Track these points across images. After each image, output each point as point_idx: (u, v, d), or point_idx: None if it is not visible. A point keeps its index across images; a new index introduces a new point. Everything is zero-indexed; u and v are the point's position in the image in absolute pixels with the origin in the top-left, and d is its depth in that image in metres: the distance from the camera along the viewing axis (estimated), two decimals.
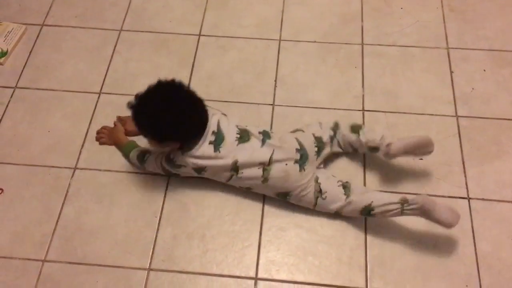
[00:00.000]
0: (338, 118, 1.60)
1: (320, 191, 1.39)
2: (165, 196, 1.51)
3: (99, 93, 1.73)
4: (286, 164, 1.37)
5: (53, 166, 1.57)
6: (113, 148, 1.61)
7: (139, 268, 1.39)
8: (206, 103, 1.34)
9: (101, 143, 1.61)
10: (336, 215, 1.43)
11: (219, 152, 1.34)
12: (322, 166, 1.49)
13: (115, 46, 1.85)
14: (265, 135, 1.40)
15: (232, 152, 1.35)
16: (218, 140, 1.34)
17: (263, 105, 1.69)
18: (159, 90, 1.29)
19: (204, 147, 1.33)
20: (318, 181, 1.41)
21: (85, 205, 1.50)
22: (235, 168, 1.37)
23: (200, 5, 1.97)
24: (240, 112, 1.66)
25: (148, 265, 1.40)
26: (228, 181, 1.43)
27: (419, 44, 1.83)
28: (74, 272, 1.39)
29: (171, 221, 1.47)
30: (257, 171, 1.37)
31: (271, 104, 1.69)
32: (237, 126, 1.39)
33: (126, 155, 1.57)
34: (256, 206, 1.49)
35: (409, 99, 1.69)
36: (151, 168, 1.49)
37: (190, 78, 1.75)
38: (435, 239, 1.42)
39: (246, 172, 1.38)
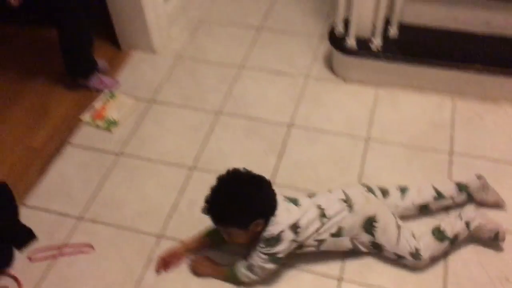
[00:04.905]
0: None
1: (399, 226, 1.51)
2: None
3: (192, 168, 1.86)
4: (362, 193, 1.54)
5: (141, 232, 1.68)
6: (196, 219, 1.66)
7: None
8: (291, 190, 1.42)
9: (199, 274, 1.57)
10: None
11: (300, 205, 1.46)
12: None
13: (212, 127, 2.01)
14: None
15: (311, 202, 1.48)
16: (293, 201, 1.47)
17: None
18: (223, 182, 1.41)
19: (283, 211, 1.41)
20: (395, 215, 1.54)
21: (165, 273, 1.57)
22: (321, 211, 1.45)
23: (294, 98, 2.10)
24: None
25: None
26: (321, 234, 1.45)
27: None
28: None
29: None
30: (341, 204, 1.48)
31: None
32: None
33: (234, 279, 1.50)
34: None
35: (496, 215, 1.64)
36: (262, 273, 1.47)
37: (277, 165, 1.84)
38: None
39: (331, 209, 1.46)
